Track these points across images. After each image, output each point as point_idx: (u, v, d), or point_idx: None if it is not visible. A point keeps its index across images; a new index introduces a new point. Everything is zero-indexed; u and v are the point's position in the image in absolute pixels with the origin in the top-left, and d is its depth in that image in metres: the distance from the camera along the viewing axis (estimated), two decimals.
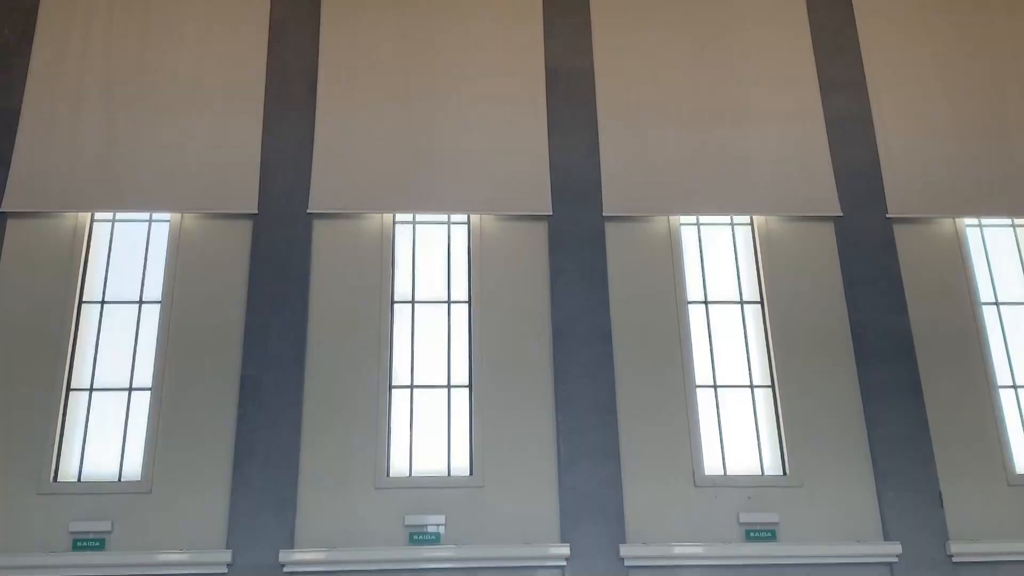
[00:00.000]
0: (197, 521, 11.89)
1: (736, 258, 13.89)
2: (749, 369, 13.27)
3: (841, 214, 13.79)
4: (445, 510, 12.14)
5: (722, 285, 13.74)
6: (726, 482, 12.49)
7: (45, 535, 11.73)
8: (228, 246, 13.30)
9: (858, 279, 13.45)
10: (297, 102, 14.01)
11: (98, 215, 13.54)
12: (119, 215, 13.60)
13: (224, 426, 12.35)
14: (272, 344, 12.68)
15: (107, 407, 12.62)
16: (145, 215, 13.61)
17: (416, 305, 13.41)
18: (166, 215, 13.55)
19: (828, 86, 14.56)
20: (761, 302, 13.57)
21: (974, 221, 14.15)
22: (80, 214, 13.36)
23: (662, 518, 12.18)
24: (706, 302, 13.61)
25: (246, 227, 13.39)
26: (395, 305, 13.35)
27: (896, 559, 11.98)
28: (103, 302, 13.15)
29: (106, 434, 12.50)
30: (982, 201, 13.92)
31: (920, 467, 12.47)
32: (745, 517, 12.18)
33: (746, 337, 13.44)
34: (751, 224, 14.01)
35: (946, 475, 12.49)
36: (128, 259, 13.41)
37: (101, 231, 13.53)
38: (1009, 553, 12.06)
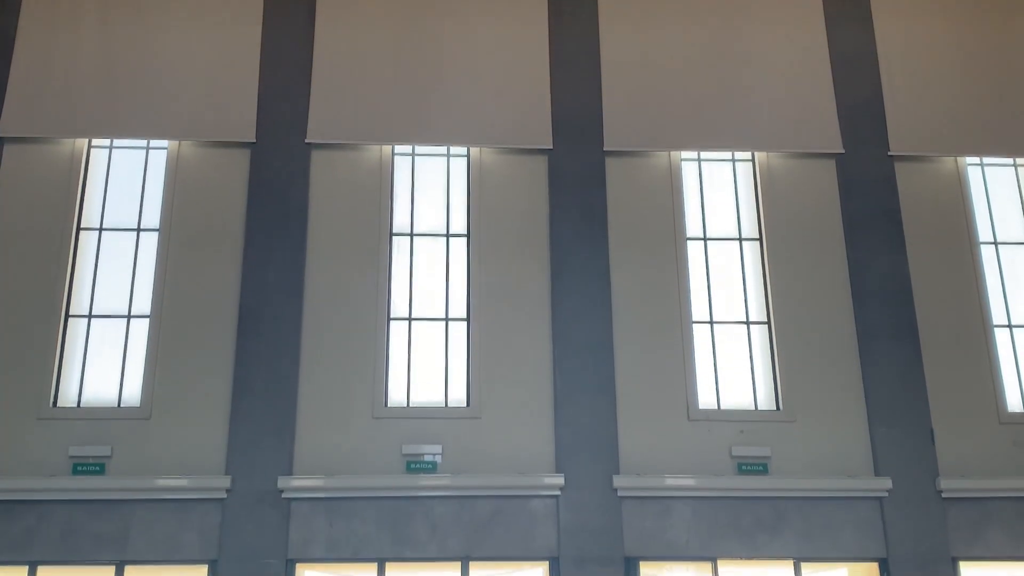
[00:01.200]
0: (196, 447, 12.01)
1: (736, 195, 13.86)
2: (746, 305, 13.32)
3: (843, 151, 13.73)
4: (442, 440, 12.26)
5: (721, 222, 13.72)
6: (720, 416, 12.61)
7: (45, 459, 11.85)
8: (226, 175, 13.25)
9: (858, 217, 13.43)
10: (296, 31, 13.85)
11: (95, 141, 13.46)
12: (116, 142, 13.52)
13: (223, 354, 12.41)
14: (270, 274, 12.70)
15: (106, 334, 12.68)
16: (142, 142, 13.53)
17: (415, 238, 13.40)
18: (163, 143, 13.47)
19: (833, 22, 14.39)
20: (760, 239, 13.57)
21: (976, 160, 14.10)
22: (77, 140, 13.27)
23: (655, 451, 12.32)
24: (705, 239, 13.60)
25: (244, 156, 13.32)
26: (394, 238, 13.34)
27: (886, 494, 12.14)
28: (101, 229, 13.12)
29: (105, 361, 12.58)
30: (984, 140, 13.85)
31: (913, 404, 12.58)
32: (737, 451, 12.32)
33: (744, 274, 13.46)
34: (752, 160, 13.95)
35: (938, 412, 12.61)
36: (126, 186, 13.36)
37: (98, 158, 13.46)
38: (998, 490, 12.22)
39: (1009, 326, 13.29)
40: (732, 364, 13.04)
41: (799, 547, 12.00)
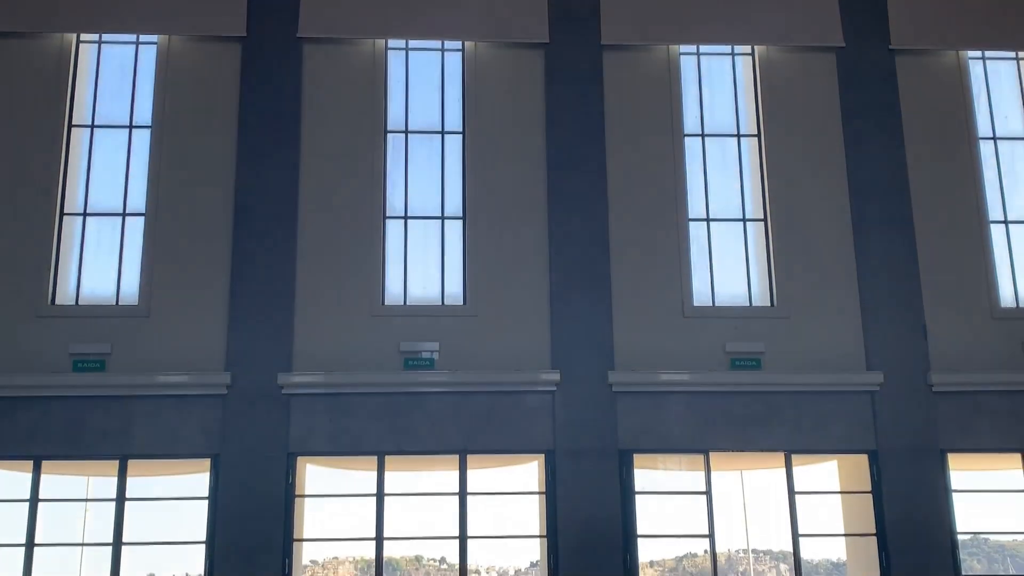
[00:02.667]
0: (196, 344, 12.10)
1: (735, 90, 13.69)
2: (742, 203, 13.29)
3: (843, 45, 13.51)
4: (439, 337, 12.36)
5: (719, 118, 13.59)
6: (714, 313, 12.69)
7: (46, 357, 11.95)
8: (217, 71, 13.05)
9: (857, 112, 13.30)
10: None
11: (84, 36, 13.21)
12: (105, 37, 13.27)
13: (220, 252, 12.41)
14: (265, 171, 12.62)
15: (102, 232, 12.66)
16: (131, 37, 13.28)
17: (410, 135, 13.28)
18: (153, 37, 13.22)
19: None
20: (759, 135, 13.45)
21: (977, 54, 13.89)
22: (65, 35, 13.03)
23: (650, 346, 12.43)
24: (703, 135, 13.49)
25: (235, 51, 13.10)
26: (388, 135, 13.21)
27: (878, 388, 12.30)
28: (93, 126, 12.99)
29: (102, 259, 12.58)
30: (986, 33, 13.63)
31: (906, 299, 12.66)
32: (731, 346, 12.43)
33: (741, 170, 13.40)
34: (752, 55, 13.74)
35: (932, 307, 12.69)
36: (116, 83, 13.17)
37: (87, 53, 13.23)
38: (988, 384, 12.38)
39: (1005, 222, 13.28)
40: (727, 261, 13.06)
41: (790, 440, 12.21)
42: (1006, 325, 12.72)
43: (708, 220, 13.17)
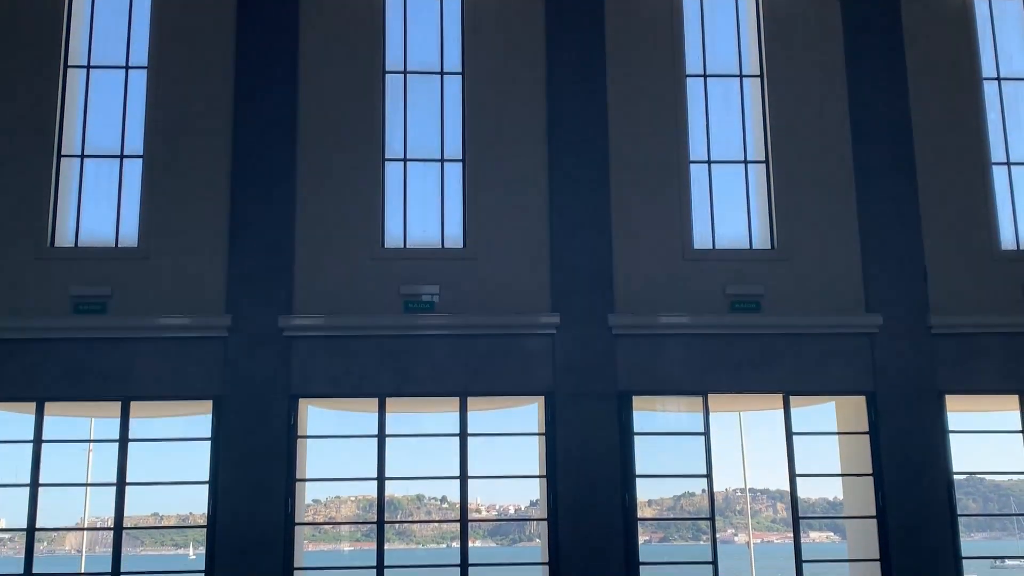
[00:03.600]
0: (196, 287, 12.11)
1: (738, 29, 13.53)
2: (744, 144, 13.21)
3: None
4: (439, 280, 12.36)
5: (722, 57, 13.44)
6: (715, 255, 12.69)
7: (46, 299, 11.97)
8: (214, 10, 12.87)
9: (861, 52, 13.14)
10: None
11: None
12: None
13: (218, 194, 12.36)
14: (263, 113, 12.52)
15: (100, 174, 12.60)
16: None
17: (408, 76, 13.15)
18: None
19: None
20: (761, 75, 13.32)
21: None
22: None
23: (650, 289, 12.44)
24: (705, 75, 13.36)
25: None
26: (387, 76, 13.08)
27: (877, 330, 12.34)
28: (88, 67, 12.87)
29: (100, 201, 12.54)
30: None
31: (907, 242, 12.63)
32: (731, 289, 12.43)
33: (743, 111, 13.29)
34: None
35: (932, 249, 12.66)
36: (112, 24, 13.01)
37: None
38: (988, 325, 12.40)
39: (1007, 163, 13.21)
40: (729, 203, 13.02)
41: (789, 381, 12.28)
42: (1006, 267, 12.71)
43: (709, 162, 13.10)
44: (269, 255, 12.16)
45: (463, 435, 12.02)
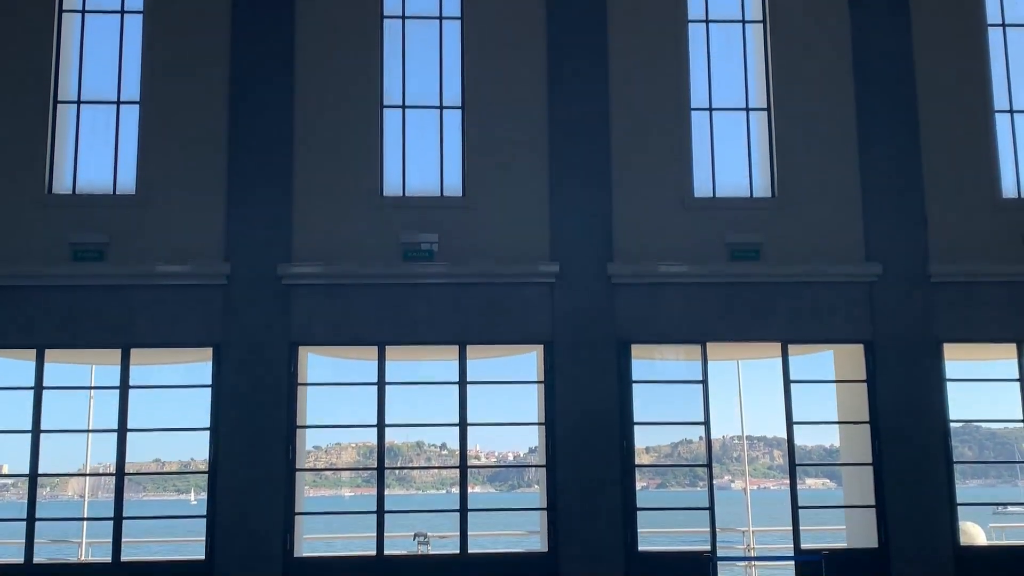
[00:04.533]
0: (194, 235, 12.08)
1: None
2: (746, 92, 13.09)
3: None
4: (438, 229, 12.32)
5: (724, 2, 13.25)
6: (715, 204, 12.64)
7: (44, 246, 11.94)
8: None
9: None
10: None
11: None
12: None
13: (216, 141, 12.27)
14: (260, 59, 12.38)
15: (97, 121, 12.50)
16: None
17: (407, 21, 12.99)
18: None
19: None
20: (764, 21, 13.16)
21: None
22: None
23: (650, 238, 12.40)
24: (707, 20, 13.20)
25: None
26: (385, 21, 12.92)
27: (876, 278, 12.33)
28: (84, 11, 12.71)
29: (98, 148, 12.46)
30: None
31: (908, 190, 12.57)
32: (731, 237, 12.39)
33: (745, 59, 13.16)
34: None
35: (933, 198, 12.60)
36: None
37: None
38: (987, 274, 12.39)
39: (1010, 111, 13.10)
40: (729, 151, 12.93)
41: (787, 330, 12.30)
42: (1007, 215, 12.67)
43: (711, 109, 12.99)
44: (267, 203, 12.11)
45: (462, 383, 12.06)
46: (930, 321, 12.30)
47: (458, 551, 11.84)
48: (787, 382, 12.29)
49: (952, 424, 12.28)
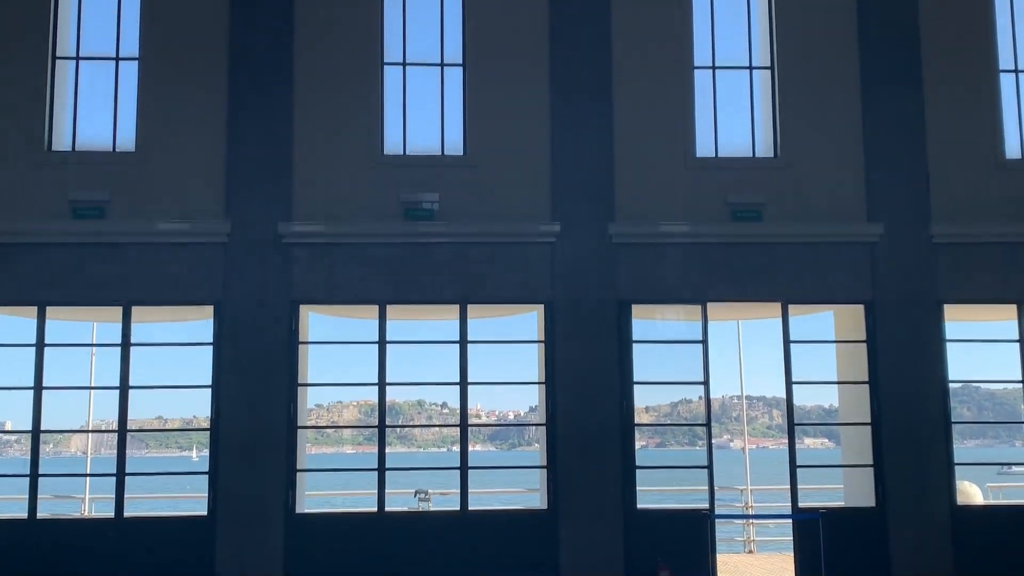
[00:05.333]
0: (194, 192, 12.04)
1: None
2: (749, 50, 12.98)
3: None
4: (439, 188, 12.28)
5: None
6: (717, 163, 12.59)
7: (44, 203, 11.91)
8: None
9: None
10: None
11: None
12: None
13: (216, 99, 12.19)
14: (259, 15, 12.28)
15: (96, 77, 12.43)
16: None
17: None
18: None
19: None
20: None
21: None
22: None
23: (651, 198, 12.36)
24: None
25: None
26: None
27: (877, 239, 12.30)
28: None
29: (97, 104, 12.41)
30: None
31: (911, 150, 12.50)
32: (732, 197, 12.36)
33: (749, 15, 13.03)
34: None
35: (936, 158, 12.53)
36: None
37: None
38: (989, 235, 12.37)
39: (1015, 71, 13.00)
40: (732, 110, 12.86)
41: (788, 290, 12.31)
42: (1010, 176, 12.62)
43: (714, 68, 12.90)
44: (268, 161, 12.06)
45: (463, 342, 12.09)
46: (931, 282, 12.30)
47: (459, 508, 11.94)
48: (787, 342, 12.31)
49: (951, 385, 12.32)
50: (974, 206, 12.48)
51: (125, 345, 11.84)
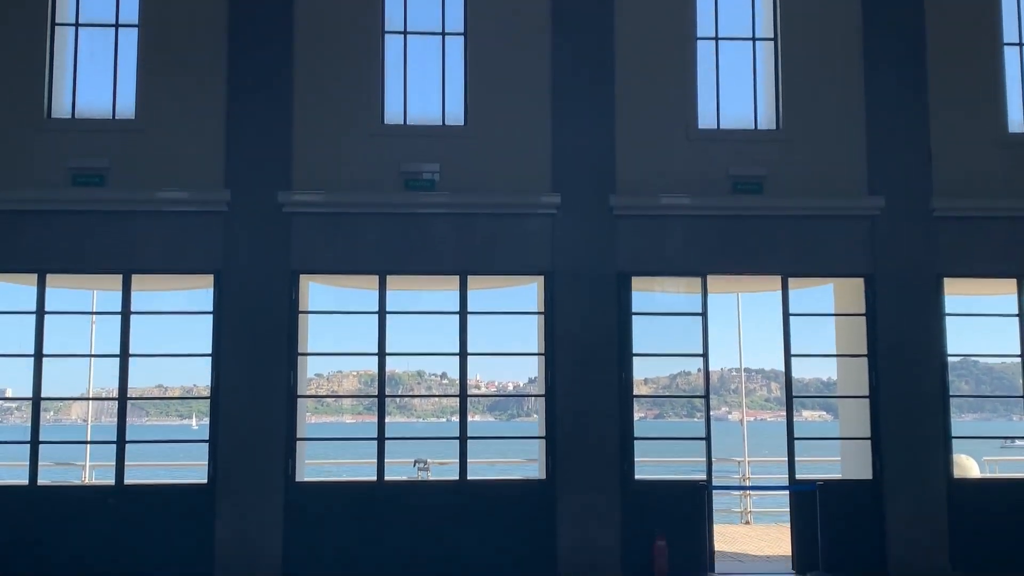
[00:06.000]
0: (194, 161, 12.00)
1: None
2: (752, 21, 12.90)
3: None
4: (440, 158, 12.25)
5: None
6: (719, 136, 12.54)
7: (44, 171, 11.87)
8: None
9: None
10: None
11: None
12: None
13: (215, 66, 12.11)
14: None
15: (95, 44, 12.35)
16: None
17: None
18: None
19: None
20: None
21: None
22: None
23: (653, 170, 12.32)
24: None
25: None
26: None
27: (879, 212, 12.28)
28: None
29: (96, 71, 12.33)
30: None
31: (914, 124, 12.44)
32: (734, 170, 12.31)
33: None
34: None
35: (939, 131, 12.46)
36: None
37: None
38: (991, 209, 12.33)
39: (1020, 44, 12.91)
40: (735, 82, 12.79)
41: (788, 263, 12.30)
42: (1013, 151, 12.57)
43: (717, 39, 12.82)
44: (268, 130, 12.02)
45: (463, 313, 12.10)
46: (931, 255, 12.29)
47: (457, 477, 12.00)
48: (786, 315, 12.32)
49: (950, 358, 12.34)
50: (976, 180, 12.44)
51: (125, 313, 11.85)
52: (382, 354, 12.02)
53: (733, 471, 18.05)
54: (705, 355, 12.16)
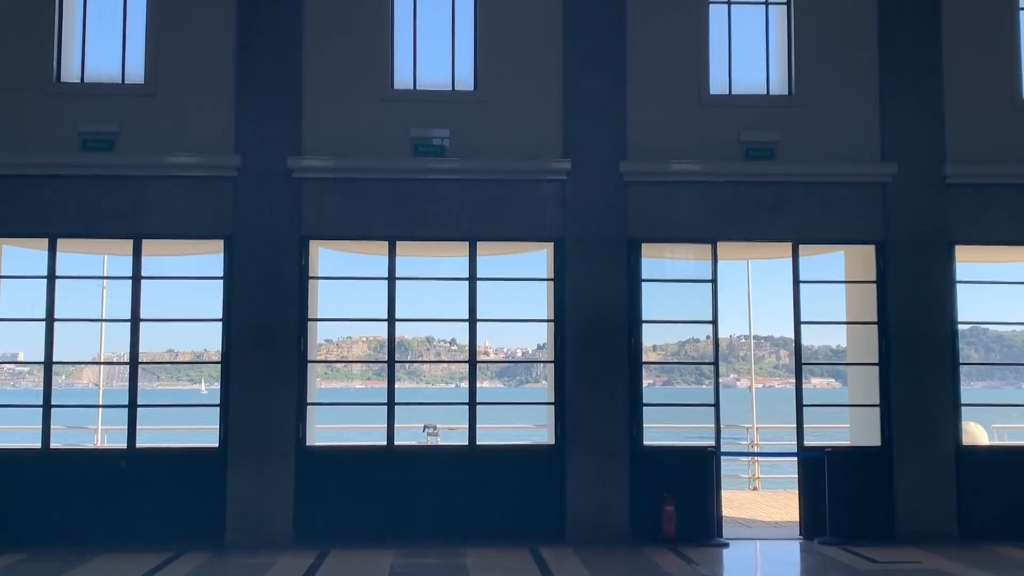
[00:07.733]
0: (204, 125, 11.97)
1: None
2: None
3: None
4: (449, 123, 12.19)
5: None
6: (731, 101, 12.45)
7: (54, 135, 11.86)
8: None
9: None
10: None
11: None
12: None
13: (225, 29, 12.06)
14: None
15: (104, 7, 12.28)
16: None
17: None
18: None
19: None
20: None
21: None
22: None
23: (664, 135, 12.25)
24: None
25: None
26: None
27: (890, 179, 12.20)
28: None
29: (105, 35, 12.27)
30: None
31: (927, 89, 12.32)
32: (746, 135, 12.24)
33: None
34: None
35: (952, 97, 12.35)
36: None
37: None
38: (1004, 176, 12.24)
39: None
40: (747, 46, 12.67)
41: (799, 230, 12.25)
42: None
43: (729, 3, 12.69)
44: (277, 95, 11.97)
45: (472, 279, 12.10)
46: (943, 222, 12.22)
47: (467, 443, 12.05)
48: (796, 282, 12.29)
49: (960, 326, 12.31)
50: (989, 147, 12.33)
51: (136, 278, 11.88)
52: (391, 320, 12.05)
53: (741, 437, 18.09)
54: (714, 322, 12.16)
